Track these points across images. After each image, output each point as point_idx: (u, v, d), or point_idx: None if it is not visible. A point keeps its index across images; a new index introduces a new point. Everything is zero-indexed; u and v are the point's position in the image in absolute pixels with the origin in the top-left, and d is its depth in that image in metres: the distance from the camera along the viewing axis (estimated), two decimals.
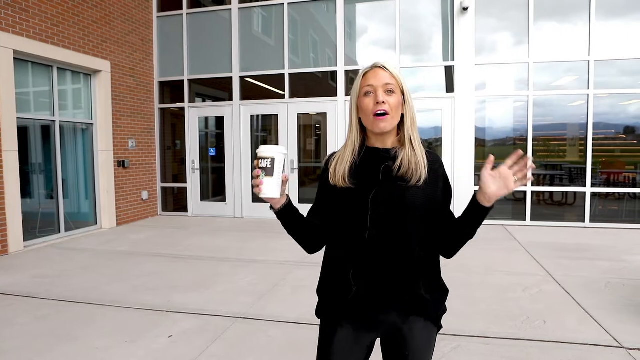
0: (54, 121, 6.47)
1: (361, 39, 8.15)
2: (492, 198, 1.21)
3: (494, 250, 5.63)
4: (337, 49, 7.88)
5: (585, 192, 7.10)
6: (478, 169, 7.49)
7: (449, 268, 4.75)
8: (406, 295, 1.33)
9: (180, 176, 8.83)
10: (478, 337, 3.05)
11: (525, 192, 7.31)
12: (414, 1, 7.65)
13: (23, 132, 6.05)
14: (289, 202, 1.36)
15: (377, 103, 1.31)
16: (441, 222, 1.35)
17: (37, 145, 6.43)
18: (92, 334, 3.18)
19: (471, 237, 1.33)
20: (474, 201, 1.25)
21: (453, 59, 7.43)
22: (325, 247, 1.47)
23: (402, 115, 1.37)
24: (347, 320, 1.37)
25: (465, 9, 7.16)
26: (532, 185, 7.27)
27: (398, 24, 7.62)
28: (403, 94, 1.35)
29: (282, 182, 1.28)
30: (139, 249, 5.87)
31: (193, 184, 8.66)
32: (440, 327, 1.43)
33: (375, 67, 1.36)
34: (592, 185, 7.08)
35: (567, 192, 7.43)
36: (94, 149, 7.22)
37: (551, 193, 7.51)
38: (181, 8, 8.49)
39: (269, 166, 1.26)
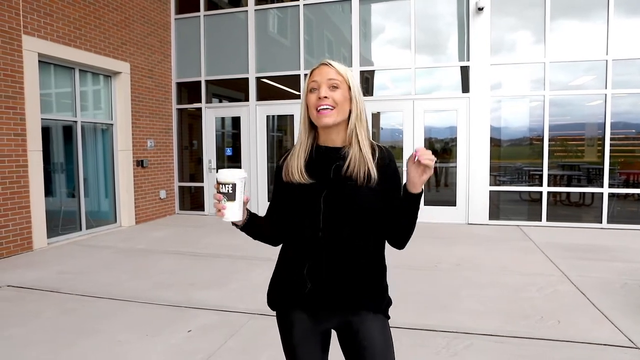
0: (75, 121, 6.66)
1: (376, 39, 8.18)
2: (417, 183, 1.27)
3: (508, 250, 5.62)
4: (352, 49, 7.93)
5: (602, 193, 7.03)
6: (493, 169, 7.47)
7: (462, 267, 4.80)
8: (356, 293, 1.38)
9: (197, 175, 8.98)
10: (491, 335, 3.07)
11: (541, 193, 7.26)
12: (429, 1, 7.65)
13: (46, 133, 6.24)
14: (249, 217, 1.41)
15: (319, 98, 1.34)
16: (389, 215, 1.38)
17: (59, 145, 6.62)
18: (115, 328, 3.29)
19: (412, 228, 1.38)
20: (404, 191, 1.31)
21: (468, 59, 7.41)
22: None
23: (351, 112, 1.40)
24: (301, 312, 1.42)
25: (480, 9, 7.14)
26: (549, 185, 7.22)
27: (413, 24, 7.63)
28: (350, 89, 1.38)
29: (243, 204, 1.33)
30: (157, 246, 6.01)
31: (210, 183, 8.79)
32: (389, 317, 1.47)
33: (321, 64, 1.40)
34: (610, 185, 7.00)
35: (584, 193, 7.36)
36: (113, 149, 7.40)
37: (568, 193, 7.44)
38: (198, 10, 8.63)
39: (230, 191, 1.28)
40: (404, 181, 1.34)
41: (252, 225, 1.43)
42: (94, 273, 4.72)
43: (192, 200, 9.08)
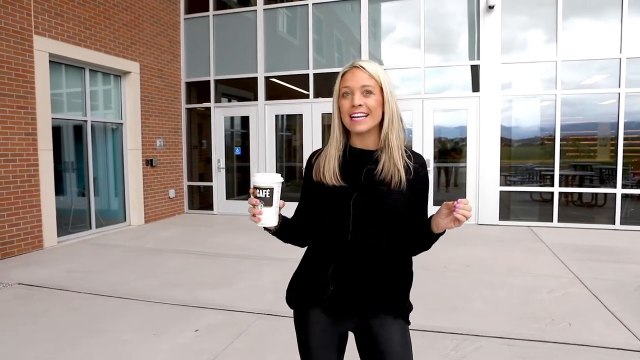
0: (85, 121, 6.70)
1: (386, 38, 8.14)
2: (442, 226, 1.24)
3: (519, 251, 5.55)
4: (361, 48, 7.89)
5: (615, 194, 6.91)
6: (504, 169, 7.38)
7: (472, 268, 4.74)
8: (378, 296, 1.36)
9: (206, 175, 9.00)
10: (501, 337, 3.02)
11: (552, 193, 7.16)
12: (439, 0, 7.59)
13: (57, 132, 6.29)
14: (282, 221, 1.39)
15: (353, 106, 1.31)
16: (411, 225, 1.37)
17: (69, 145, 6.68)
18: (121, 327, 3.29)
19: (422, 250, 1.39)
20: (427, 223, 1.30)
21: (478, 58, 7.33)
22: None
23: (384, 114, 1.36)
24: (320, 312, 1.41)
25: (491, 7, 7.06)
26: (560, 185, 7.11)
27: (423, 22, 7.57)
28: (383, 93, 1.34)
29: (279, 209, 1.31)
30: (166, 245, 6.02)
31: (218, 182, 8.81)
32: (409, 322, 1.45)
33: (353, 67, 1.35)
34: (624, 186, 6.88)
35: (596, 194, 7.24)
36: (123, 148, 7.44)
37: (580, 194, 7.33)
38: (207, 10, 8.65)
39: (267, 196, 1.24)
40: (430, 194, 1.36)
41: (284, 230, 1.41)
42: (102, 272, 4.75)
43: (201, 199, 9.11)
